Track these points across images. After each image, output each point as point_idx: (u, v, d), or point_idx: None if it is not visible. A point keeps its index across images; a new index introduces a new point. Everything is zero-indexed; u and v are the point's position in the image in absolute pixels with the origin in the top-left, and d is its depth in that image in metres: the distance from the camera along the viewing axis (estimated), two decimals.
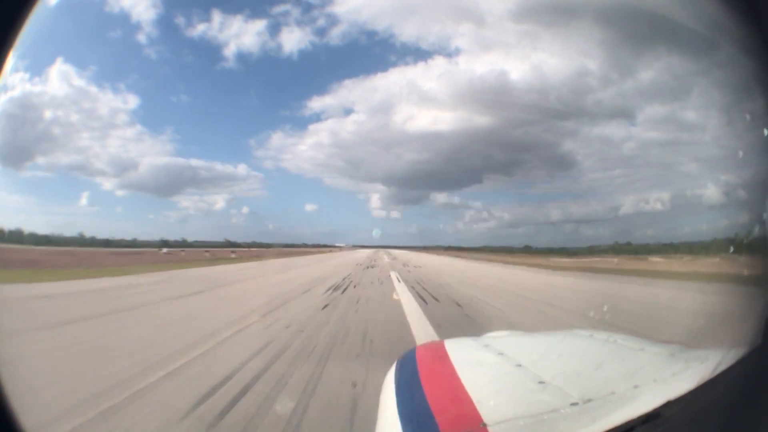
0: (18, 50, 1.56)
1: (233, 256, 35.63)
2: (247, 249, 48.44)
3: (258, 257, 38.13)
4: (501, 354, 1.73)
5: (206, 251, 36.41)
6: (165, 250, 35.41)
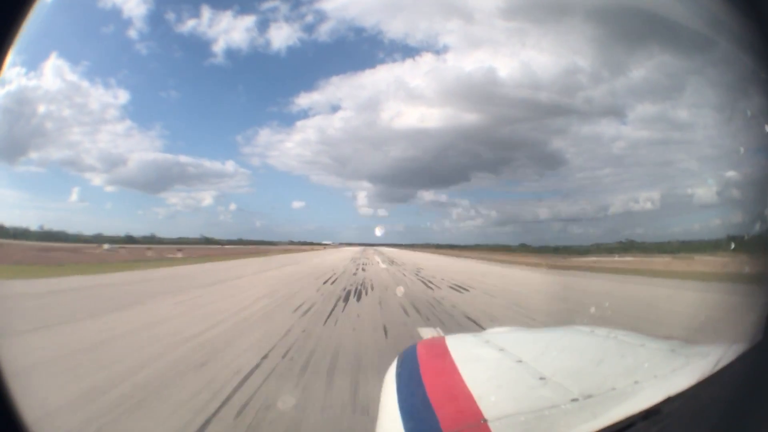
0: (16, 45, 1.55)
1: (179, 255, 31.58)
2: (220, 247, 47.34)
3: (208, 258, 30.80)
4: (502, 350, 1.73)
5: (149, 249, 33.50)
6: (107, 246, 33.86)
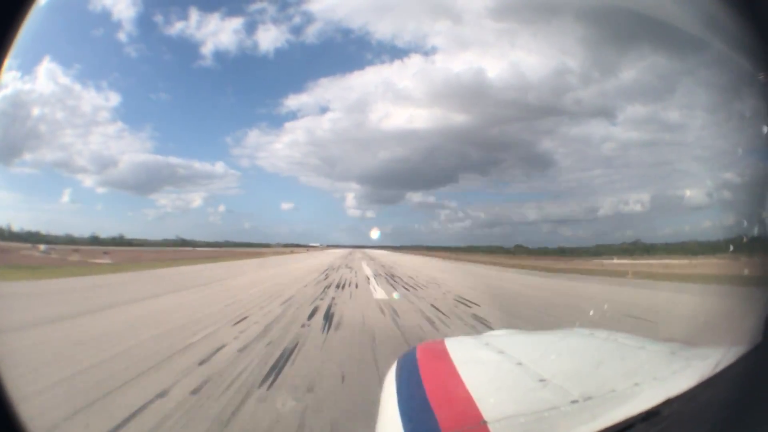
0: (13, 49, 1.55)
1: (102, 261, 27.22)
2: (191, 249, 45.84)
3: (133, 265, 24.90)
4: (501, 352, 1.73)
5: (75, 250, 30.49)
6: (43, 248, 32.16)
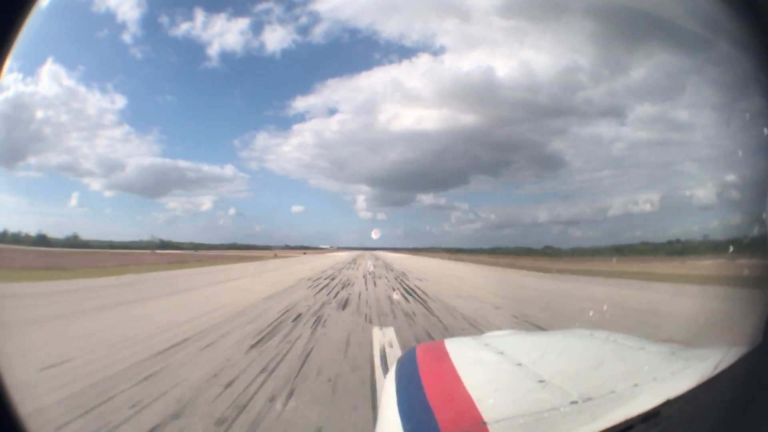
0: (14, 50, 1.55)
1: None
2: (163, 252, 43.86)
3: None
4: (501, 353, 1.73)
5: None
6: None
